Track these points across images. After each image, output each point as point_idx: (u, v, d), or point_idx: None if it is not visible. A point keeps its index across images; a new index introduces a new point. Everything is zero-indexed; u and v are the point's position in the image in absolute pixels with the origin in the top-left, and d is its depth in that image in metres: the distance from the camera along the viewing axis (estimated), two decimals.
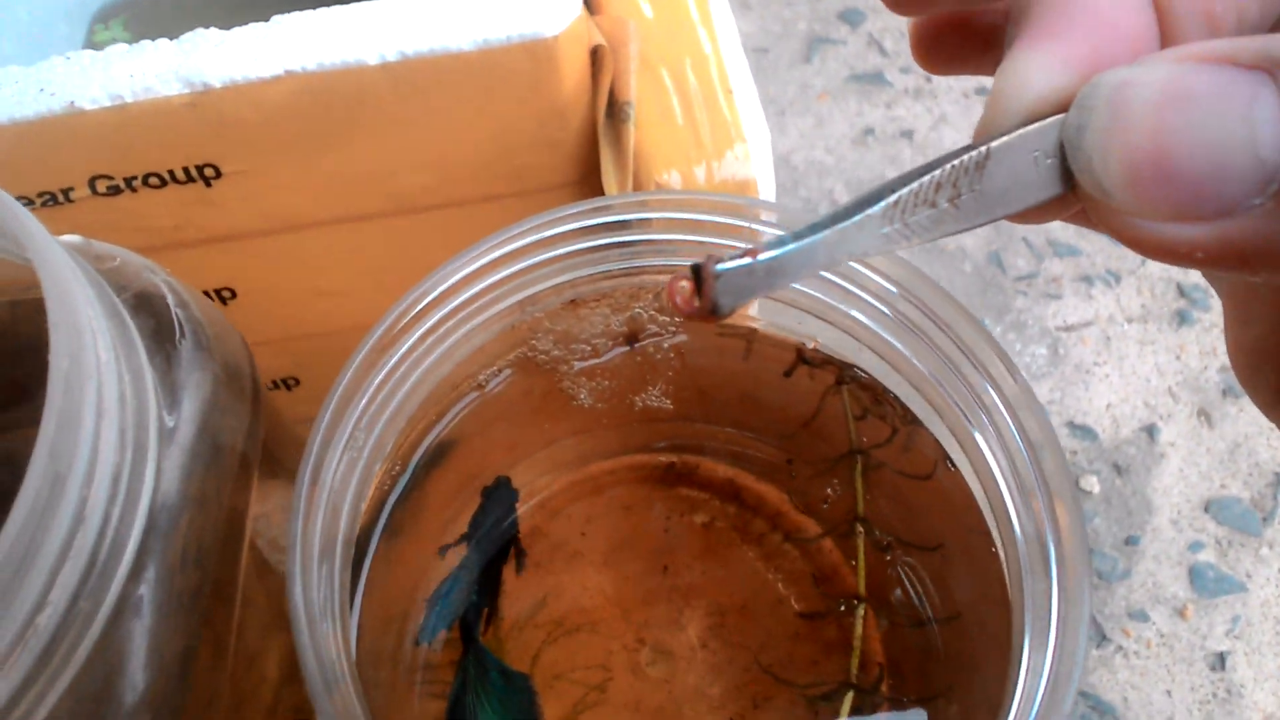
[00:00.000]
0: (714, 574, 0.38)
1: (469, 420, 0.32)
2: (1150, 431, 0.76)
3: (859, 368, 0.31)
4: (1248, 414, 0.75)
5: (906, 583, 0.30)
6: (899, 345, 0.27)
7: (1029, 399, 0.22)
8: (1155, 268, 0.84)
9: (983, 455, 0.25)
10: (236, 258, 0.44)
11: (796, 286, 0.29)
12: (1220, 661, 0.66)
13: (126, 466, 0.22)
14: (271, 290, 0.45)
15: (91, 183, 0.39)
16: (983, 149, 0.16)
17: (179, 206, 0.41)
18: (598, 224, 0.26)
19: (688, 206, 0.27)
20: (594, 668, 0.35)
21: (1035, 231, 0.83)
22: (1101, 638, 0.66)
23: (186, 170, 0.39)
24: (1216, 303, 0.83)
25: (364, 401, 0.24)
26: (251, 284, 0.46)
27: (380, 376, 0.24)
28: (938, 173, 0.16)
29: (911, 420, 0.29)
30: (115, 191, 0.39)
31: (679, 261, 0.29)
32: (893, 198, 0.16)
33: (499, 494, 0.33)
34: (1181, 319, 0.81)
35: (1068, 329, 0.78)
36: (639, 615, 0.36)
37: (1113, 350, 0.79)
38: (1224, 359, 0.78)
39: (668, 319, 0.32)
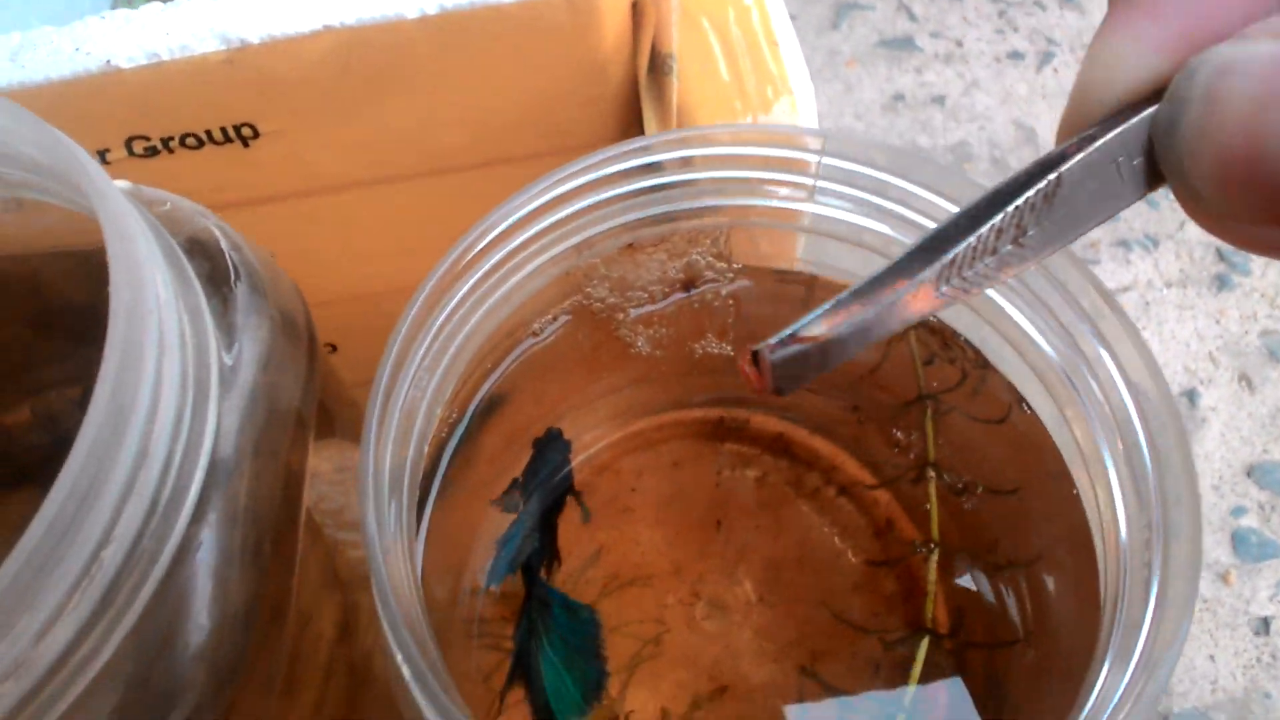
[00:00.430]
0: (768, 529, 0.37)
1: (523, 368, 0.31)
2: (1191, 397, 0.75)
3: None
4: None
5: (983, 526, 0.29)
6: None
7: (1127, 330, 0.21)
8: (1194, 232, 0.82)
9: (1073, 393, 0.24)
10: (274, 221, 0.44)
11: (859, 223, 0.27)
12: (1264, 626, 0.65)
13: (189, 407, 0.21)
14: (310, 254, 0.44)
15: (128, 144, 0.38)
16: (1052, 177, 0.14)
17: (217, 168, 0.40)
18: (652, 161, 0.25)
19: (740, 140, 0.26)
20: (648, 622, 0.35)
21: None
22: None
23: (224, 130, 0.39)
24: (1258, 266, 0.82)
25: (428, 340, 0.23)
26: (290, 247, 0.45)
27: (443, 316, 0.24)
28: (999, 219, 0.14)
29: (983, 364, 0.28)
30: (152, 153, 0.38)
31: (737, 202, 0.28)
32: (949, 256, 0.15)
33: (552, 445, 0.33)
34: (1221, 283, 0.79)
35: None
36: (692, 570, 0.35)
37: (1151, 315, 0.78)
38: (1265, 323, 0.76)
39: (725, 264, 0.31)
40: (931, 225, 0.26)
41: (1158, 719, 0.63)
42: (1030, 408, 0.27)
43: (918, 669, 0.27)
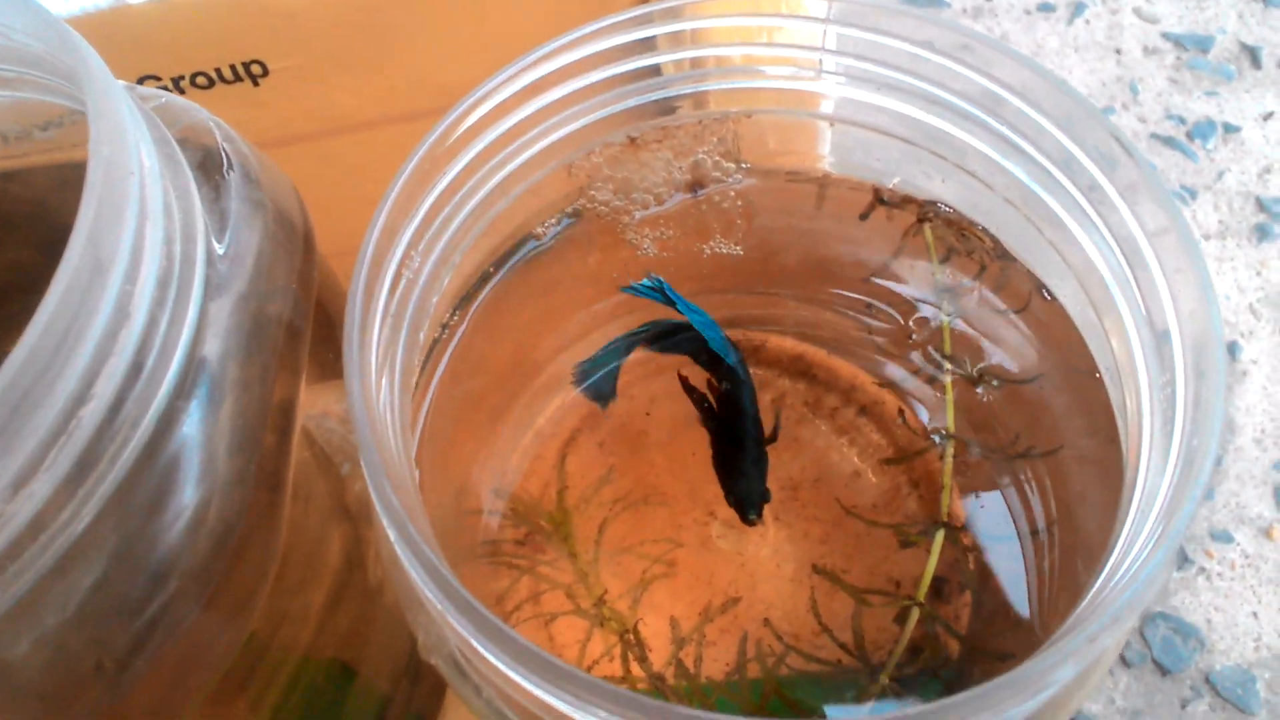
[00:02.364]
0: (786, 450, 0.36)
1: (528, 273, 0.30)
2: (1231, 350, 0.72)
3: (942, 203, 0.29)
4: None
5: (1001, 418, 0.27)
6: (994, 155, 0.24)
7: (1152, 187, 0.20)
8: (1233, 182, 0.80)
9: (1094, 267, 0.23)
10: (287, 164, 0.43)
11: (879, 103, 0.26)
12: None
13: (175, 276, 0.21)
14: (324, 200, 0.44)
15: (139, 84, 0.38)
16: None
17: (228, 109, 0.39)
18: (648, 36, 0.24)
19: (739, 11, 0.25)
20: (661, 541, 0.34)
21: None
22: (1184, 560, 0.63)
23: (234, 68, 0.38)
24: None
25: (418, 220, 0.22)
26: (306, 193, 0.45)
27: (433, 197, 0.23)
28: None
29: (1001, 254, 0.27)
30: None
31: (738, 84, 0.27)
32: None
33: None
34: (1262, 234, 0.76)
35: None
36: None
37: None
38: None
39: (734, 164, 0.30)
40: (955, 101, 0.25)
41: (1198, 673, 0.62)
42: (1051, 294, 0.26)
43: (933, 561, 0.26)
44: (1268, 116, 0.76)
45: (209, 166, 0.25)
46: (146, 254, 0.20)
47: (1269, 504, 0.66)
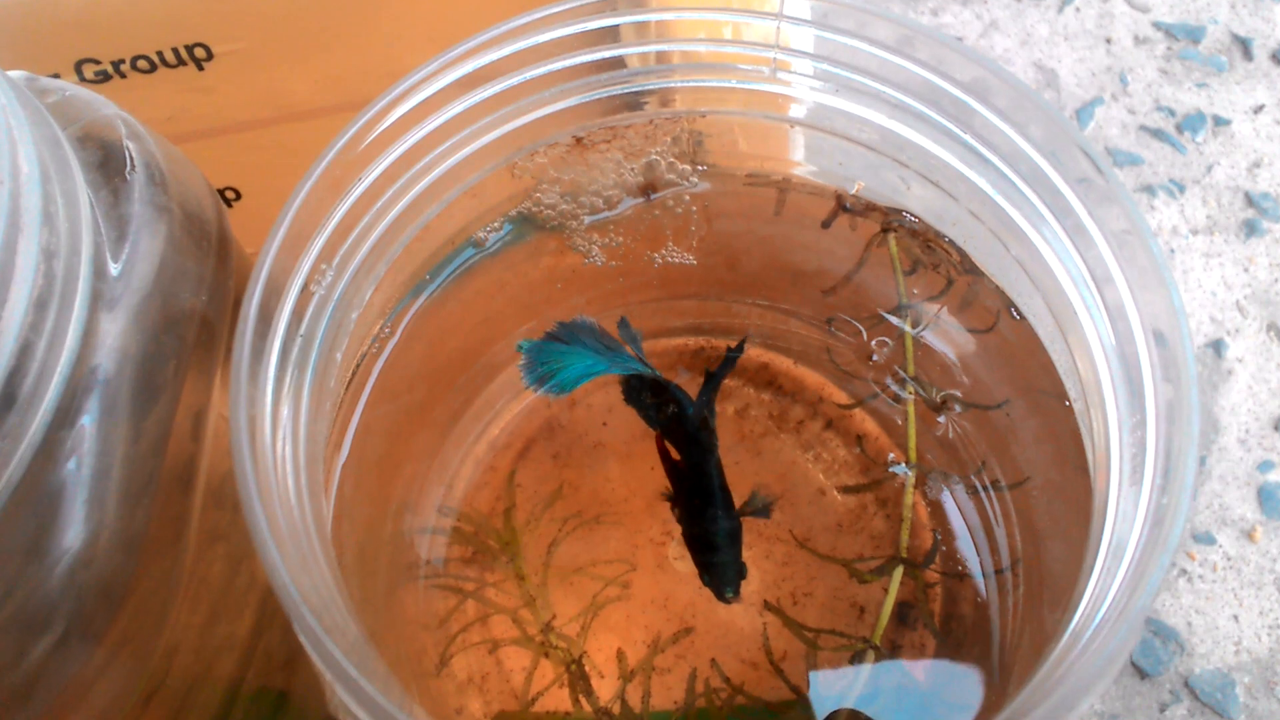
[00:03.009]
0: (748, 465, 0.34)
1: (468, 281, 0.28)
2: (1217, 347, 0.71)
3: (908, 212, 0.27)
4: None
5: (966, 446, 0.26)
6: (958, 166, 0.22)
7: (1118, 198, 0.18)
8: (1221, 176, 0.78)
9: (1059, 287, 0.21)
10: (237, 152, 0.41)
11: (847, 110, 0.24)
12: None
13: (55, 294, 0.19)
14: (277, 190, 0.42)
15: (79, 68, 0.36)
16: None
17: (172, 94, 0.37)
18: (597, 28, 0.22)
19: (687, 6, 0.23)
20: (615, 562, 0.32)
21: (1093, 140, 0.78)
22: None
23: (177, 51, 0.36)
24: None
25: (329, 231, 0.20)
26: (255, 183, 0.43)
27: (347, 205, 0.21)
28: None
29: (969, 269, 0.25)
30: (104, 78, 0.36)
31: (700, 83, 0.25)
32: None
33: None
34: (1250, 229, 0.75)
35: None
36: (664, 509, 0.33)
37: (1177, 263, 0.74)
38: None
39: (689, 167, 0.28)
40: (921, 107, 0.23)
41: (1177, 676, 0.61)
42: (1020, 313, 0.24)
43: (890, 600, 0.25)
44: (1259, 110, 0.74)
45: (110, 167, 0.23)
46: (19, 271, 0.18)
47: (1252, 505, 0.65)
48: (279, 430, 0.18)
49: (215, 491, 0.25)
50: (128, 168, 0.23)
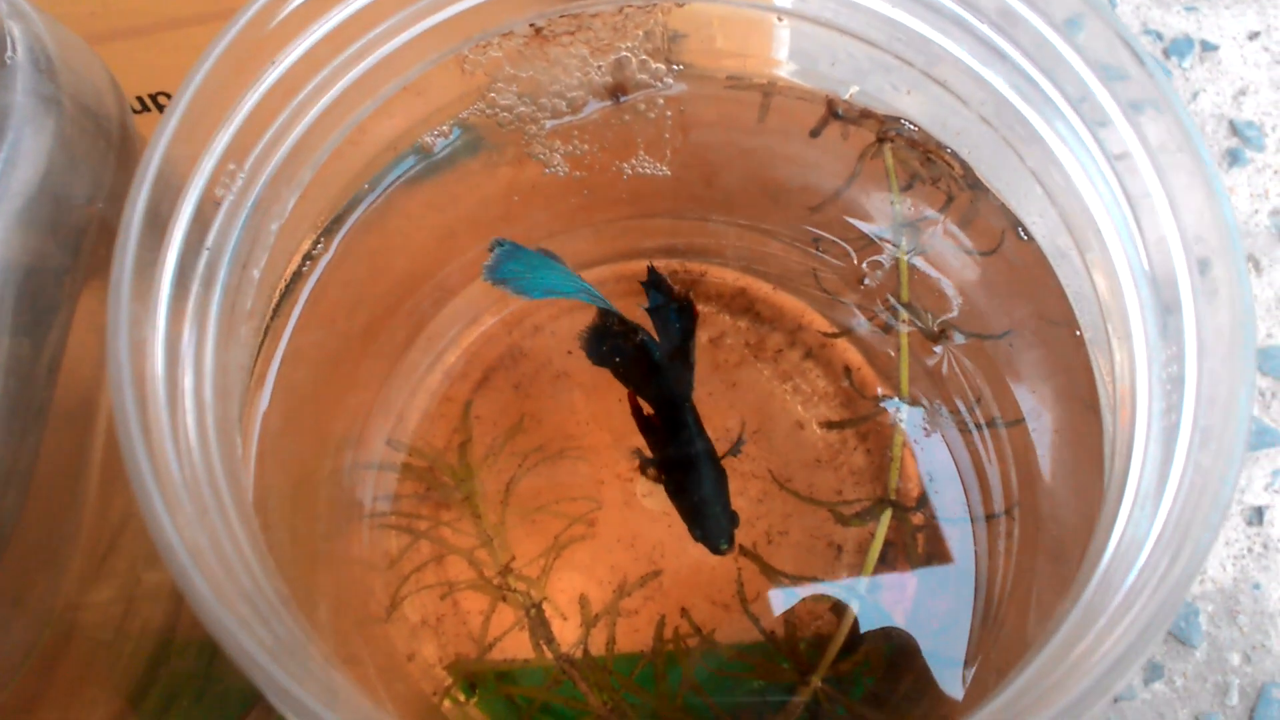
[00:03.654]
0: (723, 396, 0.32)
1: (413, 192, 0.25)
2: None
3: (906, 119, 0.24)
4: None
5: (962, 380, 0.24)
6: (969, 61, 0.19)
7: (1161, 96, 0.15)
8: (1207, 103, 0.75)
9: (1082, 202, 0.18)
10: (169, 53, 0.37)
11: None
12: (1258, 516, 0.61)
13: None
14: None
15: None
16: None
17: None
18: None
19: None
20: (580, 499, 0.30)
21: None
22: None
23: None
24: (1273, 141, 0.75)
25: (235, 124, 0.17)
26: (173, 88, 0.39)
27: (262, 89, 0.18)
28: None
29: (973, 184, 0.23)
30: None
31: None
32: None
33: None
34: (1233, 159, 0.73)
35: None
36: (632, 442, 0.30)
37: None
38: (1275, 202, 0.70)
39: (663, 66, 0.25)
40: None
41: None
42: (1028, 233, 0.22)
43: (876, 548, 0.23)
44: (1253, 36, 0.71)
45: None
46: None
47: None
48: (178, 358, 0.16)
49: None
50: (7, 50, 0.20)
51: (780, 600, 0.27)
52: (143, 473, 0.13)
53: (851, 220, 0.26)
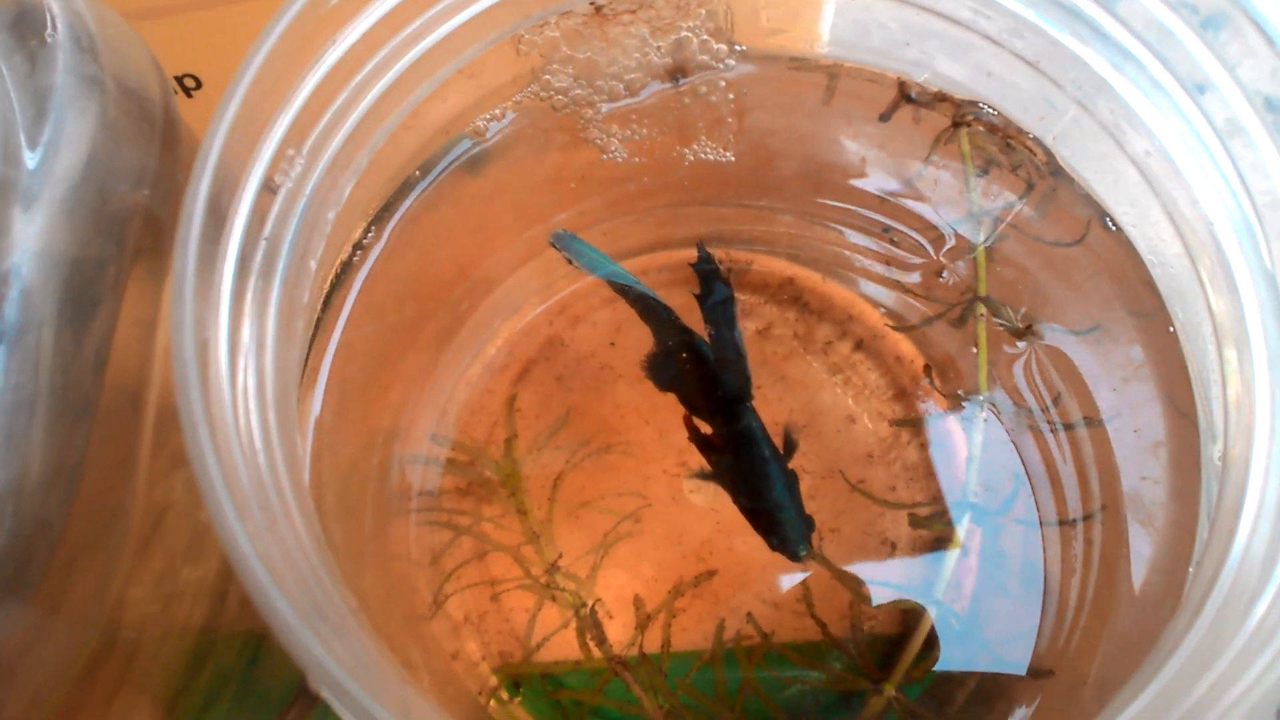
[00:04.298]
0: (771, 389, 0.31)
1: (465, 179, 0.24)
2: None
3: (985, 103, 0.23)
4: None
5: (1038, 377, 0.22)
6: (1068, 41, 0.18)
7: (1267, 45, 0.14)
8: (1242, 79, 0.74)
9: (1190, 194, 0.17)
10: (199, 34, 0.36)
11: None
12: None
13: None
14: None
15: None
16: None
17: None
18: None
19: None
20: (627, 495, 0.29)
21: None
22: None
23: None
24: None
25: (295, 108, 0.16)
26: (219, 71, 0.38)
27: (317, 77, 0.17)
28: None
29: (1055, 170, 0.22)
30: None
31: None
32: None
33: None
34: None
35: None
36: (679, 437, 0.30)
37: None
38: None
39: (725, 46, 0.24)
40: None
41: None
42: (1116, 223, 0.21)
43: (954, 554, 0.22)
44: None
45: (25, 28, 0.19)
46: None
47: None
48: (240, 356, 0.15)
49: (173, 413, 0.21)
50: (47, 28, 0.19)
51: (851, 604, 0.26)
52: (214, 484, 0.12)
53: (922, 209, 0.24)
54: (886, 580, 0.27)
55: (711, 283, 0.24)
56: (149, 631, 0.24)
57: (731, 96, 0.24)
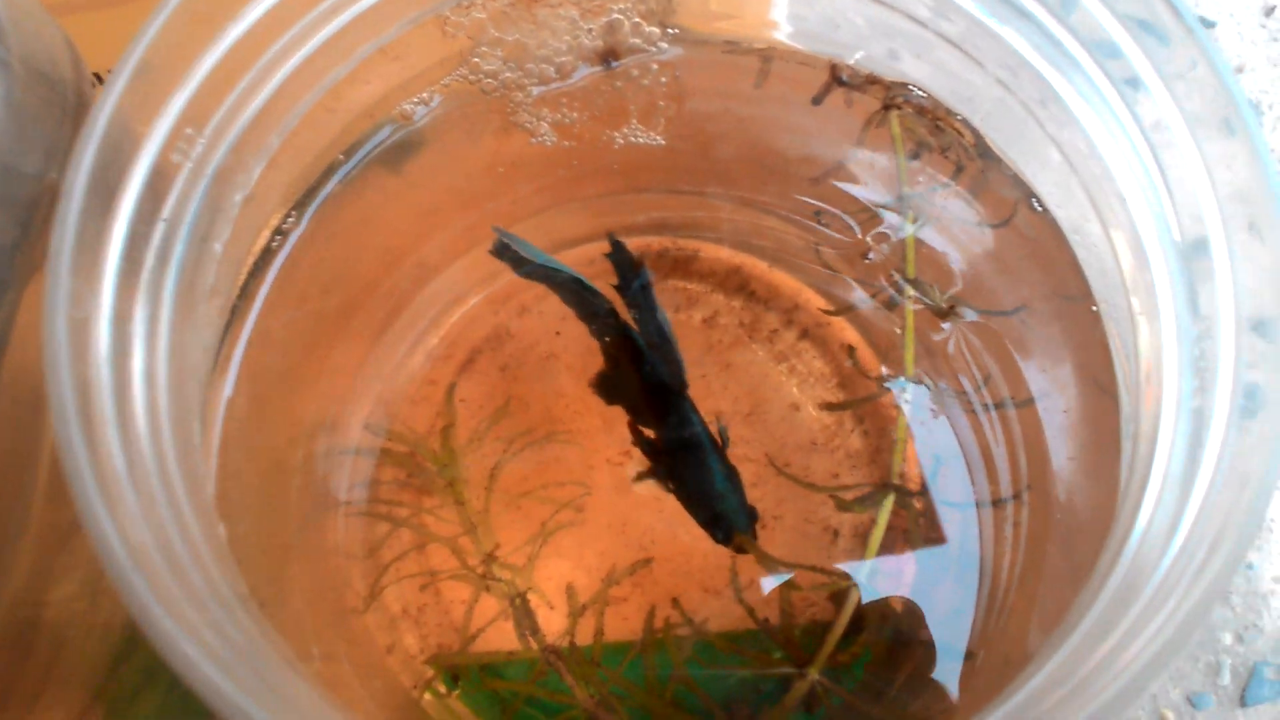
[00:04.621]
0: (716, 378, 0.31)
1: (392, 164, 0.24)
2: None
3: (915, 85, 0.23)
4: None
5: (969, 358, 0.22)
6: (987, 20, 0.18)
7: (1201, 58, 0.14)
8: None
9: (1106, 170, 0.17)
10: (126, 27, 0.35)
11: None
12: None
13: None
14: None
15: None
16: None
17: None
18: None
19: None
20: (568, 484, 0.29)
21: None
22: None
23: None
24: (1270, 119, 0.74)
25: (194, 84, 0.16)
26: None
27: (223, 48, 0.16)
28: None
29: (983, 152, 0.22)
30: None
31: None
32: None
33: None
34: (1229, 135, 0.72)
35: None
36: (624, 427, 0.29)
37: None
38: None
39: (657, 30, 0.23)
40: None
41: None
42: (1042, 204, 0.21)
43: (878, 534, 0.22)
44: (1251, 13, 0.70)
45: None
46: None
47: None
48: (128, 338, 0.14)
49: None
50: None
51: (775, 587, 0.26)
52: (78, 462, 0.11)
53: (854, 191, 0.24)
54: (830, 566, 0.27)
55: (627, 271, 0.24)
56: (76, 626, 0.24)
57: (664, 80, 0.24)
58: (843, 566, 0.25)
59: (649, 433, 0.26)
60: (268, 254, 0.21)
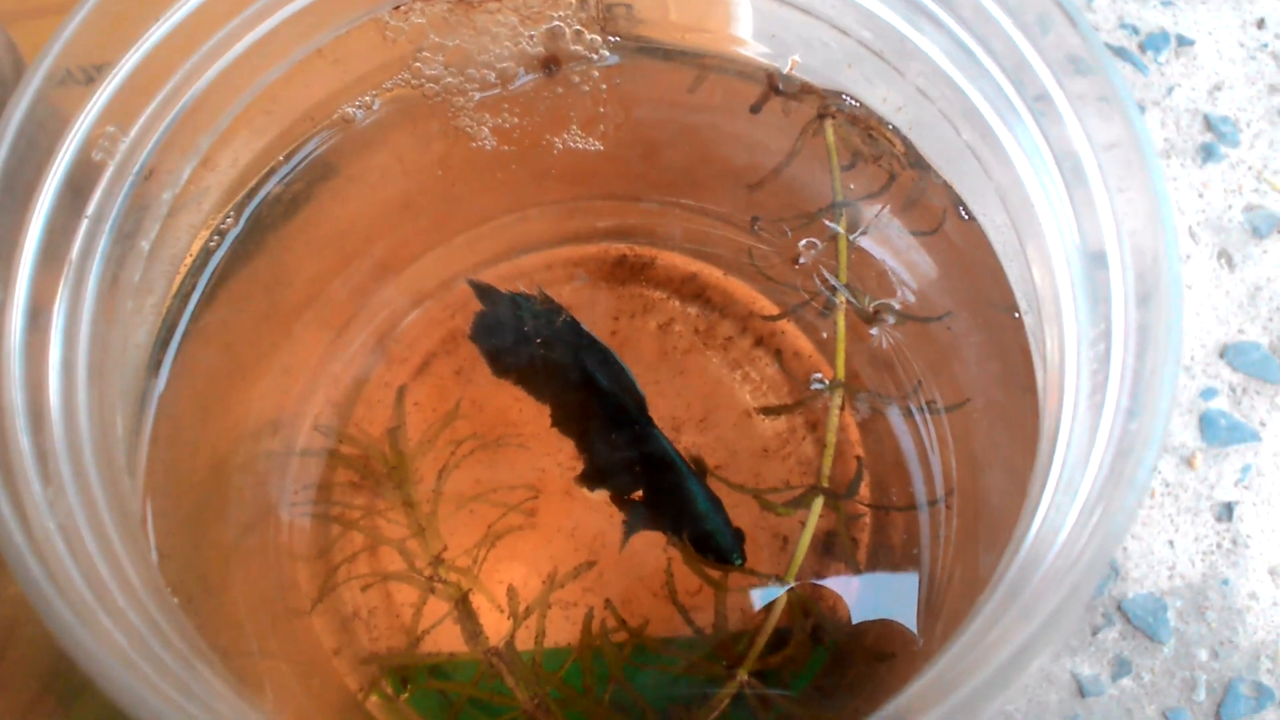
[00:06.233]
0: (669, 384, 0.31)
1: (340, 168, 0.24)
2: None
3: (848, 94, 0.23)
4: (1271, 256, 0.68)
5: (898, 363, 0.23)
6: (904, 29, 0.18)
7: (1106, 81, 0.14)
8: (1181, 98, 0.75)
9: (1017, 179, 0.17)
10: None
11: None
12: (1227, 512, 0.62)
13: None
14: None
15: None
16: None
17: None
18: None
19: None
20: (519, 488, 0.29)
21: None
22: None
23: None
24: (1248, 136, 0.75)
25: (116, 82, 0.16)
26: None
27: (149, 45, 0.16)
28: None
29: (915, 162, 0.22)
30: None
31: None
32: None
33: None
34: (1207, 154, 0.73)
35: None
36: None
37: None
38: (1249, 198, 0.70)
39: (598, 37, 0.24)
40: None
41: (1110, 600, 0.60)
42: (969, 213, 0.21)
43: (806, 537, 0.22)
44: (1229, 31, 0.71)
45: None
46: None
47: (1193, 433, 0.64)
48: (45, 333, 0.14)
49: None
50: None
51: (715, 593, 0.26)
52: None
53: (792, 199, 0.25)
54: (765, 571, 0.27)
55: (520, 313, 0.24)
56: (28, 620, 0.24)
57: (604, 87, 0.24)
58: (775, 571, 0.25)
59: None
60: (205, 253, 0.22)
